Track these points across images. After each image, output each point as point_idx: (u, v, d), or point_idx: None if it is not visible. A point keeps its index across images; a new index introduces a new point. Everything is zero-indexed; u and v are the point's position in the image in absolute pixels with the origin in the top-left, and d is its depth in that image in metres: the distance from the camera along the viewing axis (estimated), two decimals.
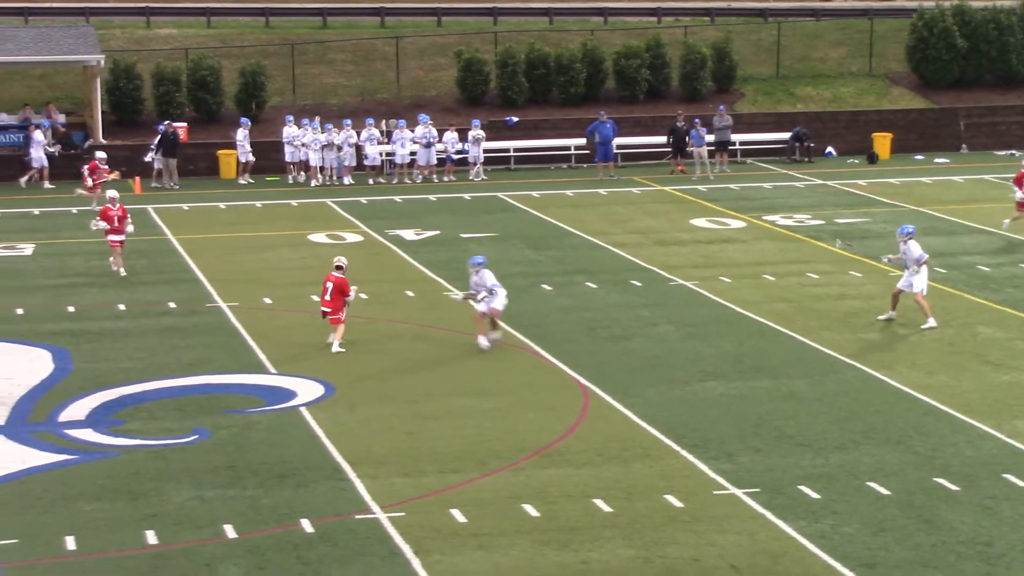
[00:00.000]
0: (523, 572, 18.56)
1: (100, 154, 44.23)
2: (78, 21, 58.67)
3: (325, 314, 28.90)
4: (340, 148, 49.27)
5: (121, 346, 29.29)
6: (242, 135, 49.89)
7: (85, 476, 21.94)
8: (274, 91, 54.36)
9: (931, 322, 30.39)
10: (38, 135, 49.51)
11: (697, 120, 51.07)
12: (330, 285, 28.68)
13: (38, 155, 49.24)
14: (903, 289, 30.67)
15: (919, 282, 30.57)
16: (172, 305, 32.76)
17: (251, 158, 50.07)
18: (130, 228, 35.63)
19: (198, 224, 42.40)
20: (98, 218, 35.90)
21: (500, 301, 29.01)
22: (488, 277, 28.97)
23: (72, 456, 22.80)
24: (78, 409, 25.11)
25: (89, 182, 42.65)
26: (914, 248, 30.74)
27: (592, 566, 18.70)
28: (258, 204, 45.82)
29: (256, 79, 52.89)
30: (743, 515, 20.33)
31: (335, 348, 28.62)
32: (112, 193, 36.16)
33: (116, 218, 35.34)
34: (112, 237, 35.41)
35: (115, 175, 43.22)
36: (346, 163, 49.55)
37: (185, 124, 51.33)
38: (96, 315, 31.90)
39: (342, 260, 29.31)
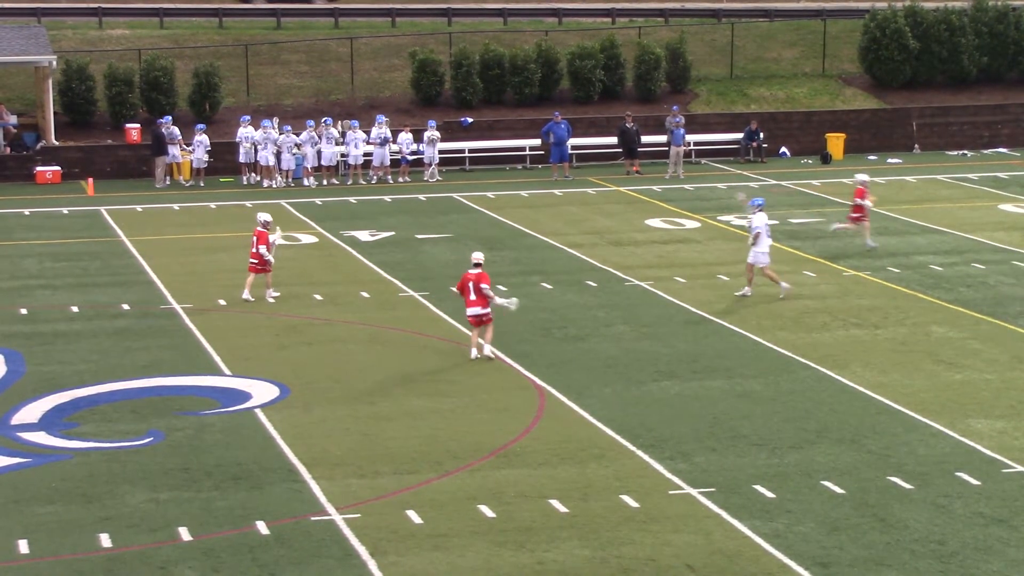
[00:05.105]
0: (479, 573, 18.56)
1: None
2: (29, 21, 58.25)
3: (255, 266, 32.72)
4: (299, 147, 49.14)
5: (75, 348, 29.13)
6: None
7: (38, 479, 21.81)
8: (228, 92, 54.13)
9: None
10: None
11: (679, 119, 51.20)
12: (255, 238, 32.71)
13: None
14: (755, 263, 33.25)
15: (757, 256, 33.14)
16: (126, 307, 32.60)
17: None
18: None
19: (152, 225, 42.17)
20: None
21: None
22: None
23: (25, 459, 22.66)
24: (31, 412, 24.95)
25: None
26: (755, 220, 33.34)
27: (548, 566, 18.72)
28: (212, 206, 45.63)
29: (209, 80, 52.64)
30: (698, 515, 20.39)
31: (272, 294, 32.77)
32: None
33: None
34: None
35: None
36: (307, 164, 49.35)
37: (138, 125, 51.04)
38: (49, 317, 31.70)
39: (267, 216, 33.48)
